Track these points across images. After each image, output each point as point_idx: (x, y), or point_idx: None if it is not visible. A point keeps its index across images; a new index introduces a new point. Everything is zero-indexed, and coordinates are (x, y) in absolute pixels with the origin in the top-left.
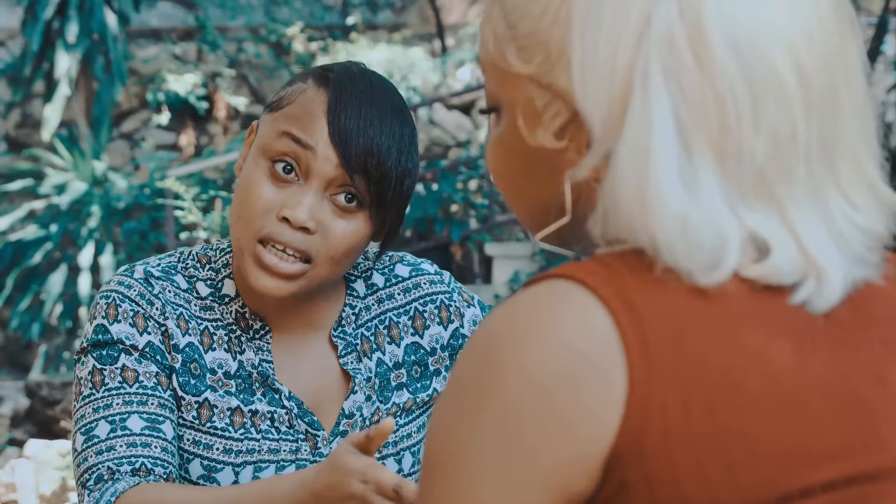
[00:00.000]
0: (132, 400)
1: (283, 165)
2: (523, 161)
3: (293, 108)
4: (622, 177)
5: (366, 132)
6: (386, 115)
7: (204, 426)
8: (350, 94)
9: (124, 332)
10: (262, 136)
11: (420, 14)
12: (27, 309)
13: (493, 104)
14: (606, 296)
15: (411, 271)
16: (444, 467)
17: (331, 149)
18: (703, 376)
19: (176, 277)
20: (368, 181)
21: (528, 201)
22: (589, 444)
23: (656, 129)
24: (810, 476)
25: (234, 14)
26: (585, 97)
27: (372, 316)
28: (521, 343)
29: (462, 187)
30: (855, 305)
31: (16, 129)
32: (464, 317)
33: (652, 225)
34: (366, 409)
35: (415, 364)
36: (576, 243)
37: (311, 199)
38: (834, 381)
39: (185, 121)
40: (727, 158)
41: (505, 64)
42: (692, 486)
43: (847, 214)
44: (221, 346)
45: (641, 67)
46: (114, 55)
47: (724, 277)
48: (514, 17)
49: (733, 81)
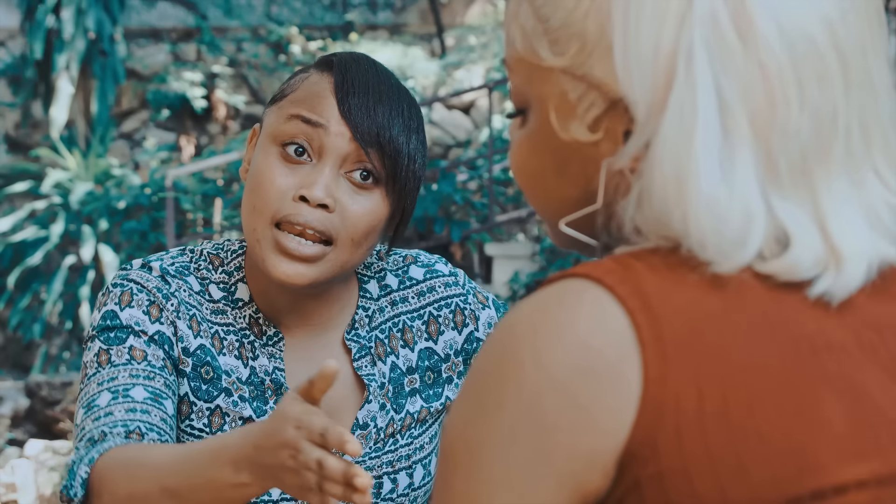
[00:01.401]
0: (139, 374)
1: (295, 148)
2: (555, 157)
3: (299, 94)
4: (661, 160)
5: (375, 108)
6: (392, 93)
7: (214, 434)
8: (355, 73)
9: (135, 318)
10: (269, 125)
11: (420, 14)
12: (27, 309)
13: (521, 104)
14: (623, 294)
15: (426, 273)
16: (461, 462)
17: (342, 124)
18: (718, 375)
19: (189, 278)
20: (382, 155)
21: (556, 198)
22: (604, 440)
23: (700, 110)
24: (822, 479)
25: (234, 14)
26: (630, 83)
27: (385, 318)
28: (539, 340)
29: (462, 187)
30: (877, 293)
31: (16, 130)
32: (479, 319)
33: (685, 206)
34: (380, 419)
35: (428, 370)
36: (598, 233)
37: (327, 177)
38: (848, 382)
39: (184, 121)
40: (772, 138)
41: (536, 59)
42: (704, 484)
43: (882, 195)
44: (232, 353)
45: (685, 48)
46: (110, 54)
47: (745, 262)
48: (545, 10)
49: (779, 57)
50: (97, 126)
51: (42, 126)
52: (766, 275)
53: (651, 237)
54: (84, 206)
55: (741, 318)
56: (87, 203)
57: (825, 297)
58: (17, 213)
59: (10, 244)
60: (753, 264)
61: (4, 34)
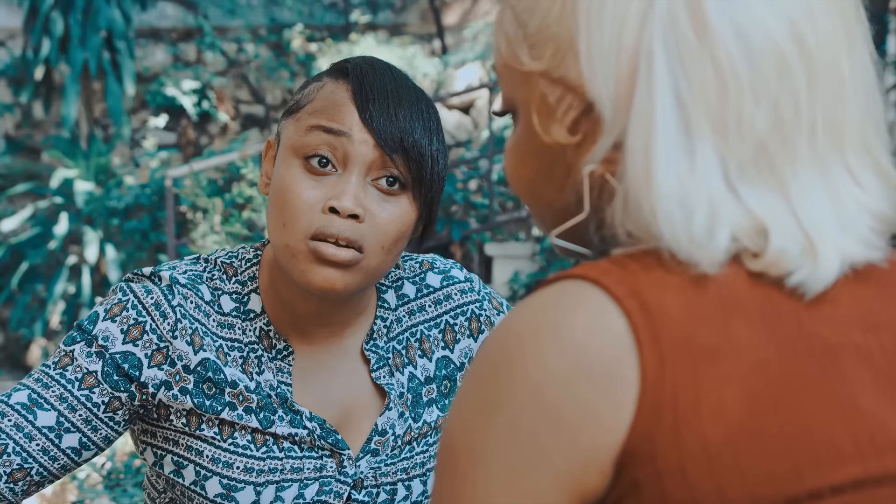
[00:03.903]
0: (66, 398)
1: (319, 159)
2: (540, 160)
3: (316, 104)
4: (632, 158)
5: (396, 113)
6: (411, 97)
7: (225, 442)
8: (372, 79)
9: (106, 333)
10: (289, 138)
11: (420, 14)
12: (28, 308)
13: (509, 108)
14: (620, 295)
15: (442, 280)
16: (461, 462)
17: (365, 132)
18: (715, 374)
19: (201, 287)
20: (407, 160)
21: (545, 203)
22: (603, 440)
23: (658, 106)
24: (819, 478)
25: (234, 14)
26: (594, 82)
27: (403, 329)
28: (537, 341)
29: (462, 187)
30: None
31: (16, 130)
32: (494, 325)
33: (653, 202)
34: (398, 427)
35: (445, 379)
36: (592, 241)
37: (354, 187)
38: (844, 381)
39: (184, 121)
40: (727, 131)
41: (518, 64)
42: (702, 484)
43: (854, 195)
44: (237, 367)
45: (646, 46)
46: (122, 54)
47: (720, 254)
48: (524, 16)
49: (731, 51)
50: (114, 125)
51: (42, 126)
52: (759, 272)
53: (643, 239)
54: (86, 205)
55: (737, 318)
56: (89, 203)
57: (800, 288)
58: (20, 213)
59: (11, 244)
60: (746, 262)
61: (4, 34)
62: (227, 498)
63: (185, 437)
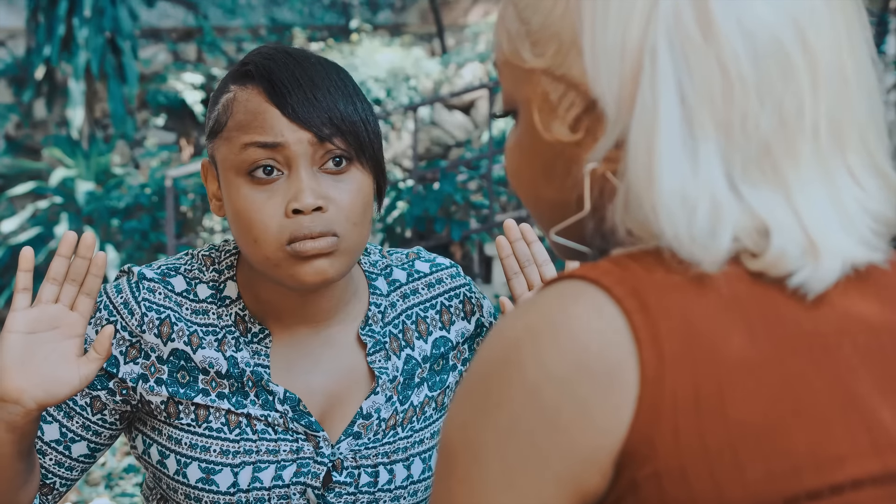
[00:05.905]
0: (61, 407)
1: (262, 169)
2: (541, 159)
3: (238, 118)
4: (634, 156)
5: (315, 95)
6: (320, 71)
7: (200, 427)
8: (278, 72)
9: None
10: (225, 158)
11: (420, 14)
12: None
13: (510, 106)
14: (620, 295)
15: (431, 266)
16: (460, 461)
17: (295, 128)
18: (715, 373)
19: (175, 279)
20: (343, 134)
21: (546, 201)
22: (602, 440)
23: (662, 105)
24: (818, 478)
25: (234, 14)
26: (598, 80)
27: (398, 312)
28: (537, 341)
29: (462, 187)
30: (862, 292)
31: (17, 130)
32: (483, 308)
33: (655, 201)
34: (384, 411)
35: (440, 357)
36: (592, 239)
37: (307, 181)
38: (843, 380)
39: (184, 121)
40: (731, 131)
41: (520, 61)
42: (701, 484)
43: (856, 196)
44: (212, 348)
45: (650, 45)
46: (126, 54)
47: (722, 254)
48: (526, 13)
49: (737, 52)
50: (116, 125)
51: (43, 126)
52: (759, 272)
53: (644, 238)
54: (86, 205)
55: (737, 317)
56: (89, 203)
57: (801, 288)
58: (20, 213)
59: (11, 245)
60: (745, 262)
61: (4, 34)
62: (207, 482)
63: (166, 428)
